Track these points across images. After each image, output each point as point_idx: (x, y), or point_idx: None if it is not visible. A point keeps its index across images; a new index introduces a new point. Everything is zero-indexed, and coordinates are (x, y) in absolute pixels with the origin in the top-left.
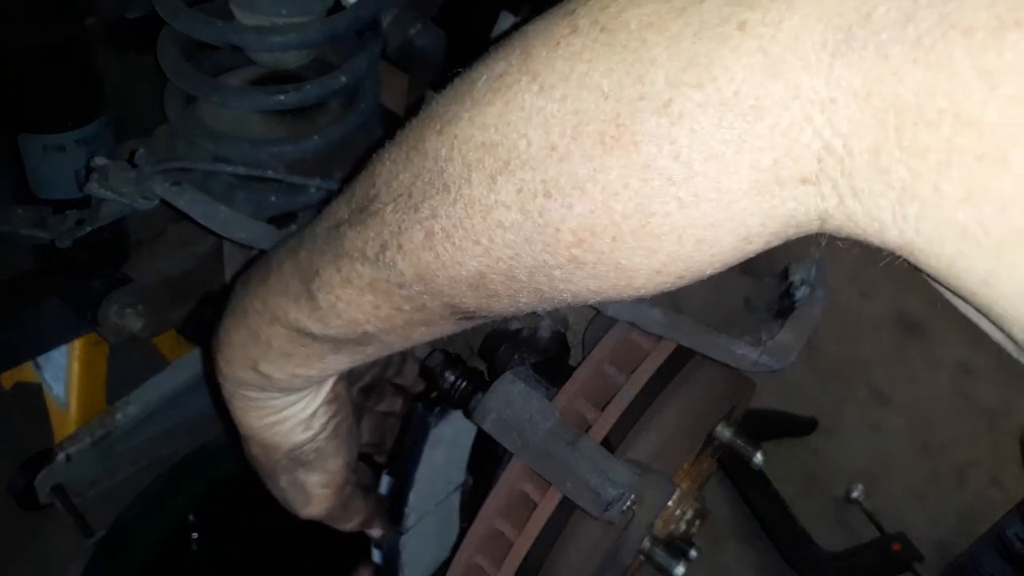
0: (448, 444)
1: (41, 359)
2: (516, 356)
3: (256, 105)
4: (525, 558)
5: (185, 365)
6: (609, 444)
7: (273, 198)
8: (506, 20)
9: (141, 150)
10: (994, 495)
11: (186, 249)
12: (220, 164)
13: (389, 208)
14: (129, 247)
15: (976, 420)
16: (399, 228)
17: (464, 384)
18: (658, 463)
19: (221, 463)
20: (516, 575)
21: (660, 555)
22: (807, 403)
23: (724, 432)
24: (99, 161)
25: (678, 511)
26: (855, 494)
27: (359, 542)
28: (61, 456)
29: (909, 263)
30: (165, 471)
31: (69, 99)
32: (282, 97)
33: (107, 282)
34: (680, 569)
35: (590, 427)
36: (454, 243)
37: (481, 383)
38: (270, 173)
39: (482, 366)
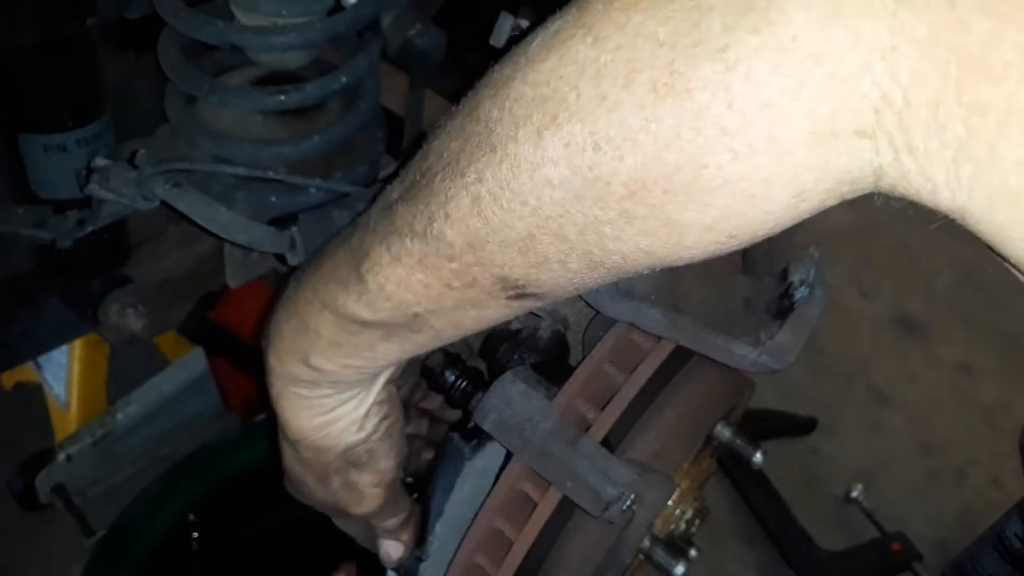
0: (479, 475)
1: (42, 359)
2: (516, 356)
3: (256, 105)
4: (525, 558)
5: (186, 365)
6: (609, 444)
7: (273, 198)
8: (506, 20)
9: (142, 151)
10: (993, 494)
11: (186, 249)
12: (220, 165)
13: (438, 178)
14: (130, 247)
15: (976, 419)
16: (446, 197)
17: (464, 384)
18: (658, 463)
19: (221, 463)
20: (516, 575)
21: (660, 554)
22: (807, 403)
23: (724, 432)
24: (100, 162)
25: (678, 510)
26: (855, 494)
27: (355, 542)
28: (62, 456)
29: (963, 227)
30: (165, 471)
31: (70, 99)
32: (282, 97)
33: (108, 282)
34: (680, 568)
35: (590, 427)
36: (502, 205)
37: (481, 383)
38: (270, 174)
39: (482, 366)
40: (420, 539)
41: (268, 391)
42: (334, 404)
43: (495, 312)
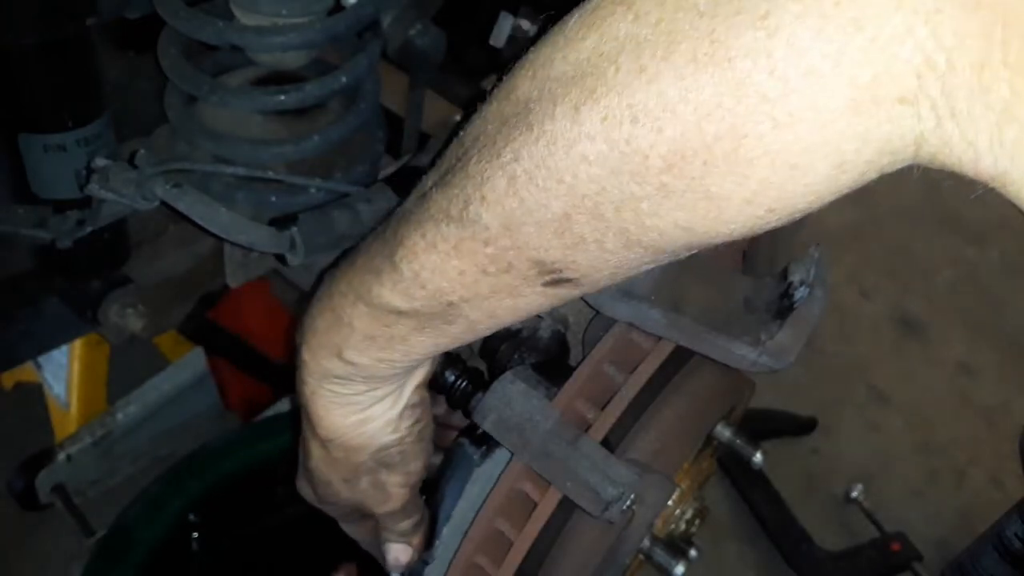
0: (486, 480)
1: (42, 359)
2: (516, 356)
3: (256, 105)
4: (525, 557)
5: (186, 365)
6: (609, 444)
7: (273, 198)
8: (506, 20)
9: (142, 151)
10: (993, 494)
11: (187, 248)
12: (220, 165)
13: (473, 160)
14: (130, 247)
15: (975, 419)
16: (482, 179)
17: (464, 384)
18: (658, 463)
19: (221, 463)
20: (516, 575)
21: (660, 554)
22: (807, 403)
23: (724, 432)
24: (100, 162)
25: (678, 510)
26: (855, 493)
27: (354, 541)
28: (62, 456)
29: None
30: (165, 471)
31: (70, 99)
32: (282, 97)
33: (107, 282)
34: (680, 568)
35: (590, 427)
36: (537, 184)
37: (481, 383)
38: (270, 174)
39: (482, 366)
40: (427, 543)
41: (301, 388)
42: (369, 402)
43: (531, 301)
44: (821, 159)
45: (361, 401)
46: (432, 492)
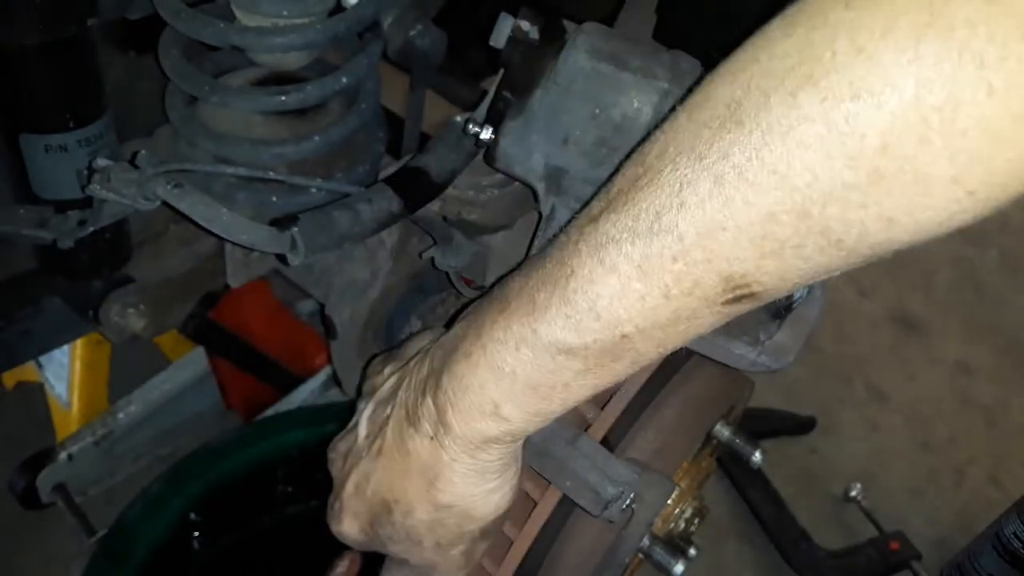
0: None
1: (43, 358)
2: None
3: (257, 106)
4: (525, 556)
5: (187, 364)
6: (608, 443)
7: (274, 199)
8: (506, 21)
9: (143, 151)
10: (992, 494)
11: (188, 248)
12: (221, 165)
13: (666, 171)
14: (131, 247)
15: (974, 418)
16: (680, 185)
17: None
18: (657, 462)
19: (222, 462)
20: (516, 573)
21: (659, 553)
22: (806, 402)
23: (723, 431)
24: (101, 162)
25: (677, 510)
26: (853, 493)
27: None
28: (63, 455)
29: None
30: (166, 470)
31: (71, 99)
32: (283, 98)
33: (109, 282)
34: (679, 567)
35: (589, 426)
36: (747, 179)
37: None
38: (271, 174)
39: None
40: None
41: (434, 453)
42: (501, 468)
43: (703, 324)
44: None
45: (496, 467)
46: None
